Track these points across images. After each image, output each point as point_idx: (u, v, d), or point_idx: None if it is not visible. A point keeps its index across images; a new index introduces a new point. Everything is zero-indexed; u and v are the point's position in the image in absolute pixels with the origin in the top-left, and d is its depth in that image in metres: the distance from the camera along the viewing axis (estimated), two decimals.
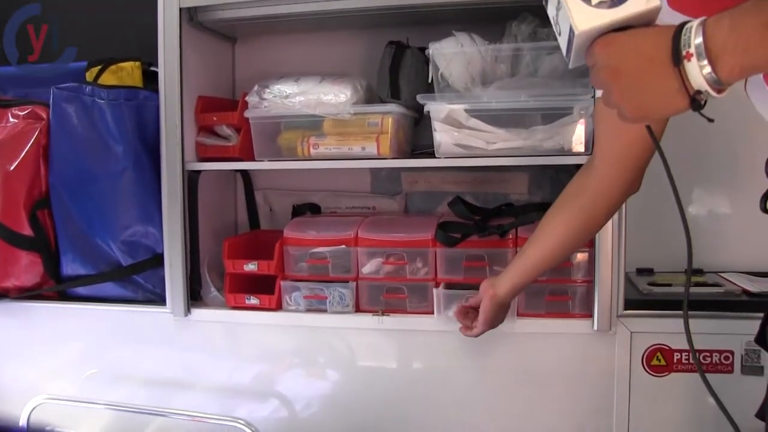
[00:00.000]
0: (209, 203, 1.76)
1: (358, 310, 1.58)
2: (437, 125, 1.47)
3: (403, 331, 1.56)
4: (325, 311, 1.58)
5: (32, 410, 1.68)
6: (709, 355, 1.42)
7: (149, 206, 1.62)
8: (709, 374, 1.38)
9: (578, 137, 1.42)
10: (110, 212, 1.62)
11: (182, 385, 1.70)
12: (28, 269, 1.68)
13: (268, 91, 1.58)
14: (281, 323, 1.62)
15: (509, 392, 1.53)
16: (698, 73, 0.65)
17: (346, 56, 1.81)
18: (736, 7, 0.64)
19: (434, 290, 1.50)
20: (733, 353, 1.41)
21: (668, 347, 1.43)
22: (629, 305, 1.44)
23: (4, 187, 1.62)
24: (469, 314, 1.38)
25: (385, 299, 1.57)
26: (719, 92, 0.66)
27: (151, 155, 1.61)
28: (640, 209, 1.37)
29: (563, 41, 0.77)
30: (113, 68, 1.69)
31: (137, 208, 1.62)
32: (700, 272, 1.66)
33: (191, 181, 1.63)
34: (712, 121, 0.70)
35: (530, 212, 1.52)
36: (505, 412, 1.54)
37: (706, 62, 0.64)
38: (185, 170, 1.61)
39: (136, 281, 1.68)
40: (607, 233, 1.39)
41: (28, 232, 1.64)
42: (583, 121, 1.41)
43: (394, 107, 1.54)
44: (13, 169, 1.61)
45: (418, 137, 1.73)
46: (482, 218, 1.59)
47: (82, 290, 1.72)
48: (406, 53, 1.60)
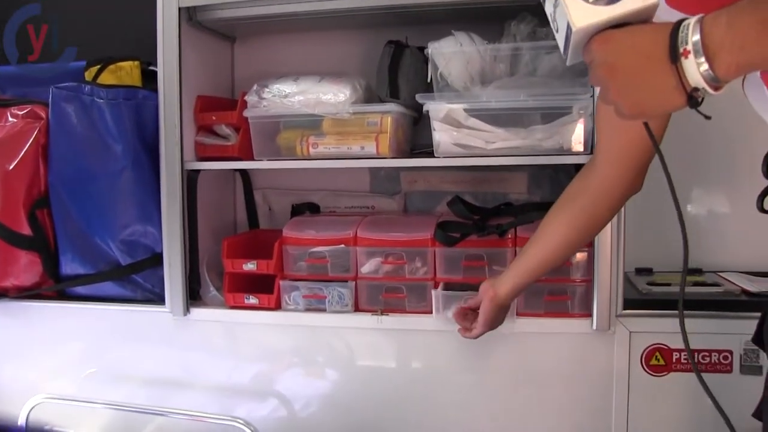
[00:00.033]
0: (208, 203, 1.76)
1: (357, 309, 1.58)
2: (436, 125, 1.47)
3: (402, 330, 1.56)
4: (324, 311, 1.58)
5: (31, 409, 1.67)
6: (708, 354, 1.42)
7: (148, 206, 1.62)
8: (708, 374, 1.40)
9: (577, 137, 1.42)
10: (109, 212, 1.62)
11: (181, 384, 1.70)
12: (27, 269, 1.68)
13: (267, 90, 1.58)
14: (280, 323, 1.62)
15: (508, 391, 1.53)
16: (695, 70, 0.65)
17: (345, 56, 1.81)
18: (733, 4, 0.64)
19: (433, 291, 1.50)
20: (732, 353, 1.41)
21: (667, 347, 1.43)
22: (628, 305, 1.44)
23: (3, 186, 1.62)
24: (468, 316, 1.37)
25: (384, 299, 1.57)
26: (716, 89, 0.67)
27: (150, 155, 1.61)
28: (639, 209, 1.37)
29: (561, 38, 0.77)
30: (112, 68, 1.69)
31: (136, 207, 1.62)
32: (699, 272, 1.66)
33: (190, 180, 1.63)
34: (709, 118, 0.70)
35: (529, 212, 1.52)
36: (504, 411, 1.54)
37: (703, 59, 0.65)
38: (184, 170, 1.61)
39: (135, 281, 1.68)
40: (606, 233, 1.38)
41: (27, 231, 1.64)
42: (582, 120, 1.40)
43: (393, 107, 1.54)
44: (12, 168, 1.61)
45: (417, 137, 1.73)
46: (481, 218, 1.59)
47: (81, 290, 1.72)
48: (405, 53, 1.60)
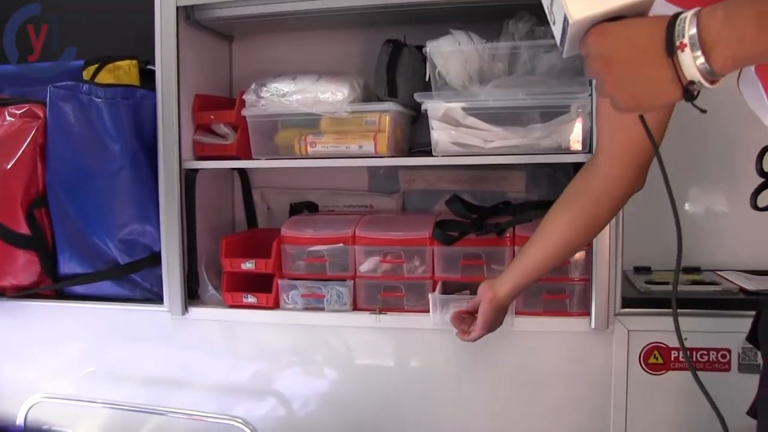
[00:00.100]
0: (206, 202, 1.75)
1: (355, 308, 1.58)
2: (434, 123, 1.47)
3: (400, 329, 1.56)
4: (322, 310, 1.58)
5: (29, 409, 1.67)
6: (706, 353, 1.42)
7: (146, 205, 1.62)
8: (706, 372, 1.40)
9: (576, 135, 1.42)
10: (107, 211, 1.62)
11: (180, 383, 1.70)
12: (25, 268, 1.67)
13: (265, 89, 1.58)
14: (279, 322, 1.62)
15: (507, 390, 1.53)
16: (692, 63, 0.65)
17: (343, 54, 1.81)
18: None
19: (430, 295, 1.48)
20: (730, 351, 1.41)
21: (665, 345, 1.43)
22: (626, 303, 1.44)
23: (1, 185, 1.61)
24: (465, 319, 1.35)
25: (382, 298, 1.57)
26: (712, 83, 0.66)
27: (148, 154, 1.61)
28: (637, 208, 1.36)
29: (557, 30, 0.77)
30: (110, 67, 1.69)
31: (134, 206, 1.62)
32: (697, 270, 1.66)
33: (188, 179, 1.63)
34: (704, 111, 0.70)
35: (528, 210, 1.52)
36: (502, 410, 1.54)
37: (699, 53, 0.64)
38: (182, 169, 1.61)
39: (133, 280, 1.68)
40: (604, 232, 1.38)
41: (25, 230, 1.64)
42: (580, 119, 1.41)
43: (391, 105, 1.54)
44: (10, 167, 1.61)
45: (415, 135, 1.72)
46: (480, 216, 1.59)
47: (79, 289, 1.71)
48: (403, 51, 1.60)
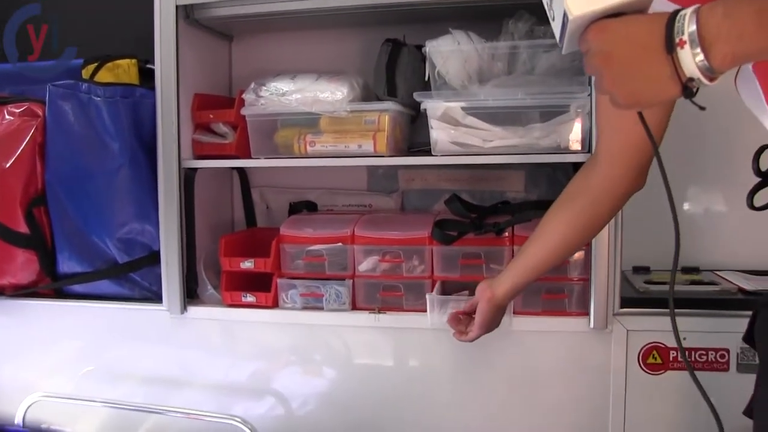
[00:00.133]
0: (206, 201, 1.75)
1: (354, 307, 1.58)
2: (434, 123, 1.47)
3: (399, 328, 1.56)
4: (321, 309, 1.58)
5: (28, 408, 1.67)
6: (704, 353, 1.42)
7: (146, 204, 1.62)
8: (704, 372, 1.40)
9: (575, 135, 1.42)
10: (106, 210, 1.62)
11: (178, 382, 1.70)
12: (24, 267, 1.67)
13: (264, 88, 1.58)
14: (278, 321, 1.62)
15: (505, 390, 1.53)
16: (691, 60, 0.65)
17: (342, 54, 1.81)
18: None
19: (427, 295, 1.47)
20: (728, 351, 1.41)
21: (664, 345, 1.43)
22: (625, 303, 1.44)
23: (0, 184, 1.61)
24: (462, 320, 1.34)
25: (381, 297, 1.57)
26: (711, 80, 0.66)
27: (147, 153, 1.61)
28: (636, 208, 1.36)
29: (556, 26, 0.76)
30: (109, 65, 1.68)
31: (134, 205, 1.62)
32: (696, 270, 1.66)
33: (188, 178, 1.63)
34: (703, 108, 0.70)
35: (527, 210, 1.52)
36: (501, 409, 1.54)
37: (699, 50, 0.64)
38: (182, 168, 1.60)
39: (132, 279, 1.68)
40: (603, 231, 1.38)
41: (24, 229, 1.64)
42: (579, 119, 1.41)
43: (390, 105, 1.53)
44: (9, 166, 1.61)
45: (414, 135, 1.72)
46: (479, 216, 1.59)
47: (78, 288, 1.71)
48: (402, 51, 1.60)
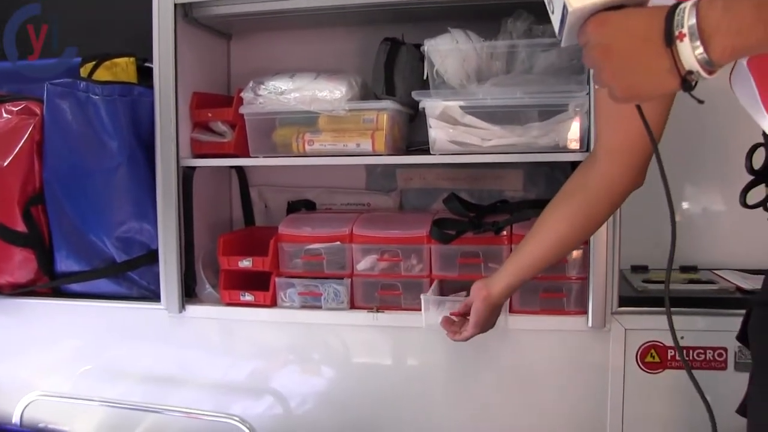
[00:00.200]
0: (204, 199, 1.75)
1: (352, 306, 1.58)
2: (432, 122, 1.47)
3: (397, 327, 1.56)
4: (319, 308, 1.58)
5: (26, 407, 1.67)
6: (702, 352, 1.42)
7: (144, 202, 1.62)
8: (702, 371, 1.41)
9: (573, 134, 1.42)
10: (105, 208, 1.62)
11: (177, 381, 1.69)
12: (21, 265, 1.67)
13: (263, 87, 1.58)
14: (276, 320, 1.61)
15: (503, 388, 1.53)
16: (690, 53, 0.65)
17: (341, 53, 1.81)
18: None
19: (422, 296, 1.45)
20: (726, 350, 1.42)
21: (662, 344, 1.43)
22: (624, 302, 1.44)
23: None
24: (455, 322, 1.32)
25: (379, 296, 1.57)
26: (710, 73, 0.66)
27: (145, 151, 1.61)
28: (634, 207, 1.36)
29: (556, 19, 0.76)
30: (107, 64, 1.68)
31: (132, 204, 1.62)
32: (694, 269, 1.66)
33: (186, 177, 1.63)
34: (702, 102, 0.70)
35: (525, 209, 1.52)
36: (499, 408, 1.54)
37: (698, 43, 0.64)
38: (180, 166, 1.60)
39: (130, 278, 1.68)
40: (602, 230, 1.38)
41: (21, 228, 1.64)
42: (578, 118, 1.41)
43: (389, 104, 1.53)
44: (6, 164, 1.60)
45: (413, 134, 1.72)
46: (477, 215, 1.59)
47: (76, 287, 1.71)
48: (401, 50, 1.60)
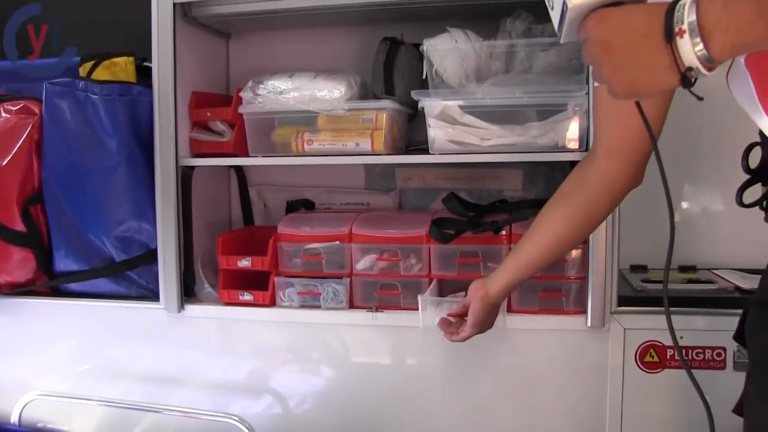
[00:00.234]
0: (203, 199, 1.75)
1: (351, 306, 1.58)
2: (431, 121, 1.47)
3: (396, 327, 1.56)
4: (318, 307, 1.58)
5: (24, 406, 1.67)
6: (701, 351, 1.42)
7: (143, 202, 1.61)
8: (701, 371, 1.41)
9: (572, 134, 1.42)
10: (103, 208, 1.62)
11: (176, 381, 1.69)
12: (20, 265, 1.67)
13: (262, 86, 1.58)
14: (275, 319, 1.61)
15: (503, 388, 1.53)
16: (690, 50, 0.65)
17: (340, 52, 1.81)
18: None
19: (419, 297, 1.44)
20: (725, 350, 1.42)
21: (661, 344, 1.44)
22: (623, 302, 1.44)
23: None
24: (453, 323, 1.32)
25: (378, 295, 1.57)
26: (710, 70, 0.66)
27: (144, 150, 1.60)
28: (634, 206, 1.36)
29: (555, 16, 0.76)
30: (106, 63, 1.68)
31: (131, 203, 1.62)
32: (692, 269, 1.66)
33: (185, 176, 1.63)
34: (701, 99, 0.70)
35: (524, 209, 1.52)
36: (498, 408, 1.54)
37: (698, 39, 0.64)
38: (179, 166, 1.60)
39: (129, 277, 1.68)
40: (601, 230, 1.38)
41: (20, 227, 1.64)
42: (577, 117, 1.40)
43: (388, 103, 1.53)
44: (5, 164, 1.60)
45: (412, 133, 1.72)
46: (476, 214, 1.59)
47: (75, 286, 1.71)
48: (400, 49, 1.60)
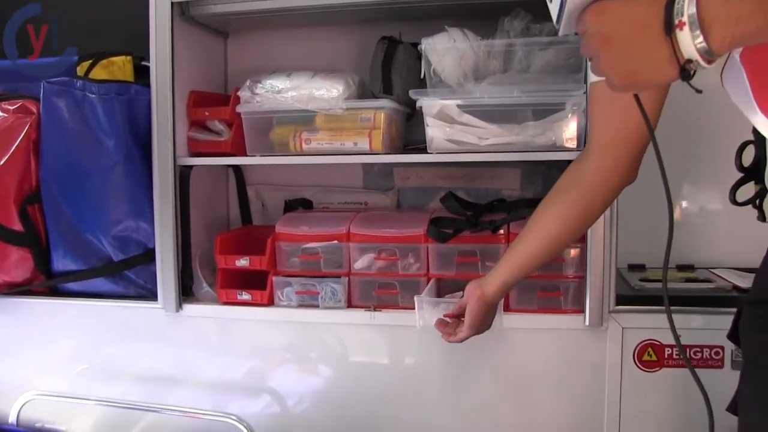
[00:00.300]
0: (201, 198, 1.75)
1: (350, 305, 1.58)
2: (429, 120, 1.47)
3: (395, 326, 1.56)
4: (317, 307, 1.58)
5: (22, 406, 1.67)
6: (699, 350, 1.42)
7: (140, 201, 1.61)
8: (699, 369, 1.38)
9: (570, 133, 1.42)
10: (101, 207, 1.61)
11: (174, 380, 1.69)
12: (18, 265, 1.67)
13: (260, 86, 1.57)
14: (273, 319, 1.61)
15: (501, 387, 1.54)
16: (690, 42, 0.65)
17: (338, 51, 1.81)
18: None
19: (415, 297, 1.43)
20: (723, 349, 1.42)
21: (659, 342, 1.44)
22: (621, 301, 1.44)
23: None
24: (450, 324, 1.32)
25: (377, 295, 1.57)
26: (709, 62, 0.66)
27: (142, 150, 1.60)
28: (632, 205, 1.37)
29: (554, 8, 0.76)
30: (104, 63, 1.68)
31: (128, 203, 1.61)
32: (690, 268, 1.67)
33: (183, 176, 1.63)
34: (700, 91, 0.70)
35: (522, 208, 1.52)
36: (496, 407, 1.54)
37: (698, 32, 0.64)
38: (177, 165, 1.60)
39: (127, 277, 1.67)
40: (599, 229, 1.39)
41: (18, 227, 1.63)
42: (575, 116, 1.41)
43: (386, 102, 1.53)
44: (2, 163, 1.60)
45: (410, 132, 1.72)
46: (474, 214, 1.59)
47: (72, 286, 1.71)
48: (398, 48, 1.60)
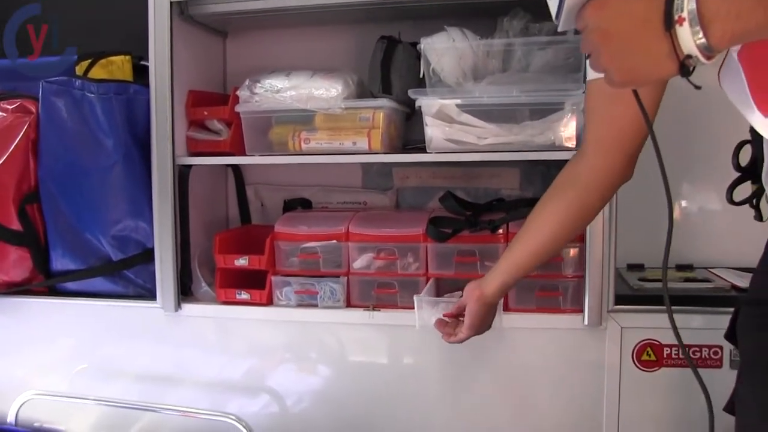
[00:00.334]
0: (200, 198, 1.75)
1: (349, 305, 1.58)
2: (428, 120, 1.47)
3: (393, 326, 1.56)
4: (316, 306, 1.58)
5: (21, 406, 1.67)
6: (698, 350, 1.43)
7: (139, 201, 1.61)
8: (698, 369, 1.40)
9: (569, 132, 1.42)
10: (100, 207, 1.61)
11: (173, 380, 1.69)
12: (17, 264, 1.67)
13: (259, 85, 1.57)
14: (272, 318, 1.61)
15: (499, 387, 1.54)
16: (689, 38, 0.65)
17: (337, 51, 1.81)
18: None
19: (415, 297, 1.43)
20: (722, 348, 1.42)
21: (658, 342, 1.44)
22: (620, 301, 1.45)
23: None
24: (449, 324, 1.32)
25: (376, 294, 1.57)
26: (708, 58, 0.66)
27: (141, 149, 1.60)
28: (630, 204, 1.37)
29: (553, 3, 0.76)
30: (103, 62, 1.68)
31: (127, 202, 1.61)
32: (689, 268, 1.67)
33: (182, 175, 1.63)
34: (699, 87, 0.70)
35: (521, 207, 1.52)
36: (495, 406, 1.54)
37: (698, 28, 0.64)
38: (176, 164, 1.60)
39: (126, 276, 1.67)
40: (597, 228, 1.39)
41: (17, 226, 1.63)
42: (574, 116, 1.41)
43: (385, 102, 1.53)
44: (1, 163, 1.60)
45: (409, 132, 1.72)
46: (473, 213, 1.59)
47: (71, 285, 1.71)
48: (397, 48, 1.60)
